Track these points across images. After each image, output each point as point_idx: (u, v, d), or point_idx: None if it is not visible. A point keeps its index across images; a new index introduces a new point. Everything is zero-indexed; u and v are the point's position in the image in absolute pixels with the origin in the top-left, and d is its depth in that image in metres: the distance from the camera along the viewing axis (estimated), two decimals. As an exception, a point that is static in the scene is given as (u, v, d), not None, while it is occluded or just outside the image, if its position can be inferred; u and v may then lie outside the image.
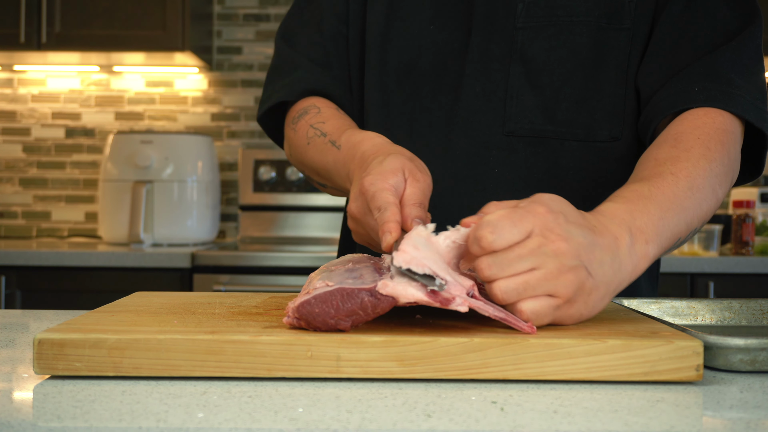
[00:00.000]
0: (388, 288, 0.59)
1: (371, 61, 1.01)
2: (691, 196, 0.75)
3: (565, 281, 0.60)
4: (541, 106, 0.94)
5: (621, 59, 0.94)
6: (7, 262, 2.25)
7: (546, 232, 0.60)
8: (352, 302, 0.59)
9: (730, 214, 2.58)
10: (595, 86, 0.94)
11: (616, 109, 0.94)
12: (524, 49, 0.94)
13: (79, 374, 0.57)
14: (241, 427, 0.47)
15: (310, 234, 2.82)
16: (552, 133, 0.94)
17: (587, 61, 0.94)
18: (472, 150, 0.95)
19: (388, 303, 0.59)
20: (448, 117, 0.97)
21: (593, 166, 0.95)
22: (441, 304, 0.58)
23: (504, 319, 0.60)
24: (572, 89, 0.94)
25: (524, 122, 0.94)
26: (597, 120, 0.94)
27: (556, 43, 0.94)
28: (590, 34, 0.93)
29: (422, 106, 0.98)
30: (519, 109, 0.94)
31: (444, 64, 0.97)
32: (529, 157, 0.95)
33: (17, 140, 2.95)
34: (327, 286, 0.61)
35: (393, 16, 1.00)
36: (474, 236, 0.60)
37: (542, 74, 0.94)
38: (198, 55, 2.69)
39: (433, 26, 0.98)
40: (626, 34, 0.93)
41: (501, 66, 0.95)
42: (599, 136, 0.94)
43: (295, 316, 0.60)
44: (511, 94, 0.94)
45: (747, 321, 0.83)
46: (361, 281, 0.61)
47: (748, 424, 0.49)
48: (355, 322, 0.59)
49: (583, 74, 0.94)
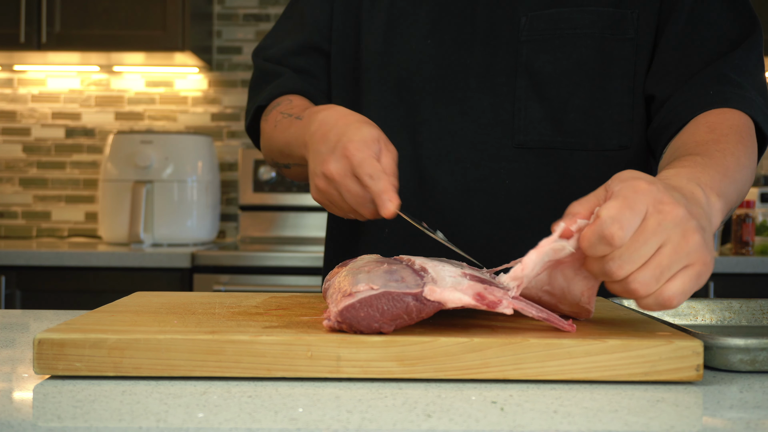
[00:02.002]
0: (436, 294, 0.58)
1: (371, 80, 1.02)
2: (738, 171, 0.75)
3: (694, 245, 0.57)
4: (549, 117, 0.95)
5: (627, 69, 0.95)
6: (7, 262, 2.25)
7: (659, 205, 0.57)
8: (397, 307, 0.58)
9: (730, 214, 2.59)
10: (602, 96, 0.95)
11: (624, 118, 0.96)
12: (530, 63, 0.96)
13: (79, 374, 0.57)
14: (241, 427, 0.47)
15: (310, 234, 2.82)
16: (561, 144, 0.96)
17: (593, 72, 0.95)
18: (483, 163, 0.97)
19: (433, 308, 0.58)
20: (451, 129, 0.98)
21: (603, 174, 0.95)
22: (488, 307, 0.59)
23: (546, 319, 0.61)
24: (580, 100, 0.95)
25: (533, 134, 0.96)
26: (605, 129, 0.96)
27: (562, 55, 0.95)
28: (595, 46, 0.95)
29: (422, 119, 0.99)
30: (527, 121, 0.96)
31: (443, 78, 0.98)
32: (539, 168, 0.96)
33: (17, 140, 2.95)
34: (371, 289, 0.59)
35: (391, 33, 1.01)
36: (600, 236, 0.56)
37: (549, 86, 0.95)
38: (198, 55, 2.69)
39: (430, 41, 0.99)
40: (630, 44, 0.95)
41: (507, 79, 0.96)
42: (608, 145, 0.96)
43: (338, 319, 0.59)
44: (518, 106, 0.96)
45: (747, 321, 0.83)
46: (405, 285, 0.60)
47: (748, 424, 0.49)
48: (398, 326, 0.59)
49: (589, 85, 0.95)
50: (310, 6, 1.07)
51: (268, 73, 1.08)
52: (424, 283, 0.60)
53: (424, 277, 0.62)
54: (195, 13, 2.64)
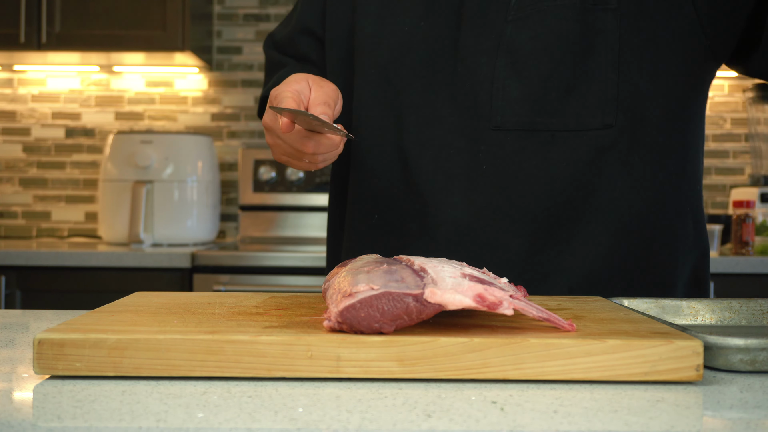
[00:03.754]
0: (436, 296, 0.58)
1: (363, 63, 1.01)
2: None
3: None
4: (528, 98, 0.92)
5: (611, 42, 0.91)
6: (7, 262, 2.25)
7: None
8: (397, 307, 0.58)
9: (730, 214, 2.58)
10: (584, 72, 0.91)
11: (608, 95, 0.92)
12: (511, 41, 0.92)
13: (79, 374, 0.57)
14: (241, 427, 0.47)
15: (310, 234, 2.82)
16: (541, 125, 0.92)
17: (575, 46, 0.91)
18: (463, 147, 0.94)
19: (434, 309, 0.58)
20: (440, 114, 0.96)
21: (586, 156, 0.93)
22: (489, 308, 0.58)
23: (546, 319, 0.60)
24: (561, 77, 0.92)
25: (510, 115, 0.93)
26: (588, 107, 0.92)
27: (542, 30, 0.91)
28: (576, 18, 0.91)
29: (411, 103, 0.97)
30: (505, 101, 0.93)
31: (433, 61, 0.96)
32: (518, 151, 0.93)
33: (17, 140, 2.95)
34: (371, 289, 0.59)
35: (384, 15, 1.00)
36: None
37: (529, 64, 0.92)
38: (198, 55, 2.69)
39: (423, 23, 0.97)
40: (613, 14, 0.91)
41: (489, 59, 0.94)
42: (591, 124, 0.92)
43: (338, 320, 0.59)
44: (497, 86, 0.93)
45: (747, 321, 0.83)
46: (405, 285, 0.60)
47: (748, 424, 0.49)
48: (398, 326, 0.59)
49: (571, 60, 0.91)
50: None
51: (274, 62, 1.12)
52: (424, 285, 0.60)
53: (424, 278, 0.62)
54: (195, 13, 2.64)
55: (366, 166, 1.01)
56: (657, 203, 0.97)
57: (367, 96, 1.00)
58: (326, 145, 0.83)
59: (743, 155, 2.95)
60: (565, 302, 0.79)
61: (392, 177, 0.99)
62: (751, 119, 2.85)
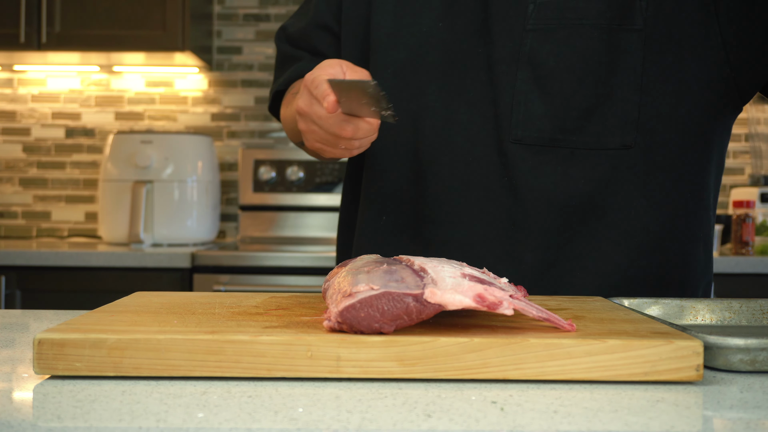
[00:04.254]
0: (436, 297, 0.58)
1: (379, 62, 0.99)
2: None
3: None
4: (550, 114, 0.92)
5: (635, 63, 0.91)
6: (7, 262, 2.25)
7: None
8: (397, 307, 0.58)
9: (730, 214, 2.58)
10: (606, 92, 0.91)
11: (628, 116, 0.91)
12: (533, 53, 0.92)
13: (79, 374, 0.57)
14: (241, 427, 0.47)
15: (310, 234, 2.82)
16: (561, 142, 0.92)
17: (599, 66, 0.91)
18: (482, 156, 0.94)
19: (434, 309, 0.58)
20: (455, 120, 0.95)
21: (603, 174, 0.93)
22: (489, 309, 0.58)
23: (546, 319, 0.60)
24: (582, 96, 0.91)
25: (532, 130, 0.92)
26: (608, 127, 0.92)
27: (566, 47, 0.91)
28: (601, 38, 0.90)
29: (428, 105, 0.96)
30: (527, 116, 0.92)
31: (450, 64, 0.95)
32: (537, 165, 0.93)
33: (17, 140, 2.95)
34: (372, 289, 0.59)
35: (401, 14, 0.98)
36: None
37: (552, 80, 0.91)
38: (198, 55, 2.69)
39: (441, 23, 0.96)
40: (638, 35, 0.90)
41: (508, 69, 0.93)
42: (610, 143, 0.92)
43: (338, 320, 0.59)
44: (518, 99, 0.92)
45: (747, 321, 0.83)
46: (405, 285, 0.60)
47: (748, 424, 0.49)
48: (398, 326, 0.58)
49: (594, 80, 0.91)
50: None
51: (288, 56, 1.11)
52: (424, 285, 0.60)
53: (424, 278, 0.62)
54: (195, 13, 2.64)
55: (379, 166, 1.00)
56: (671, 227, 0.96)
57: None
58: (365, 129, 0.81)
59: (743, 155, 2.95)
60: (565, 302, 0.79)
61: (404, 179, 0.98)
62: (751, 119, 2.85)
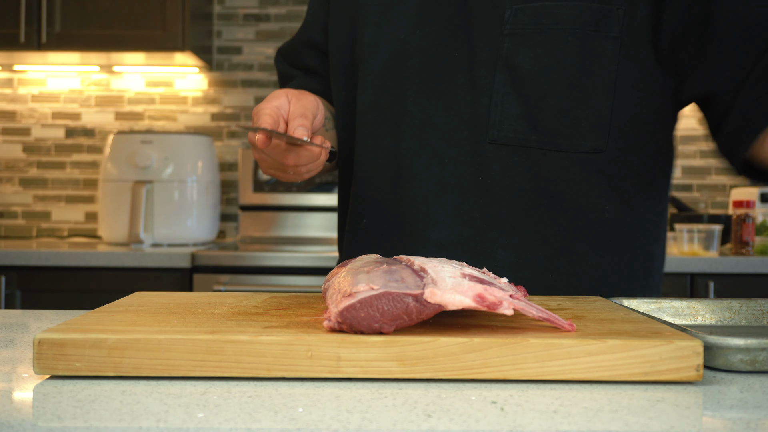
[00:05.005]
0: (436, 297, 0.58)
1: (362, 71, 1.02)
2: None
3: None
4: (525, 115, 0.93)
5: (609, 68, 0.92)
6: (7, 262, 2.25)
7: None
8: (397, 307, 0.58)
9: (730, 214, 2.58)
10: (580, 96, 0.93)
11: (601, 120, 0.93)
12: (510, 57, 0.93)
13: (79, 374, 0.57)
14: (241, 427, 0.47)
15: (310, 234, 2.82)
16: (535, 143, 0.94)
17: (573, 70, 0.92)
18: (459, 157, 0.96)
19: (434, 310, 0.58)
20: (434, 123, 0.97)
21: (575, 176, 0.95)
22: (489, 308, 0.58)
23: (546, 319, 0.60)
24: (557, 99, 0.93)
25: (508, 130, 0.94)
26: (580, 130, 0.93)
27: (542, 51, 0.93)
28: (576, 43, 0.92)
29: (407, 110, 0.98)
30: (503, 117, 0.94)
31: (429, 69, 0.97)
32: (512, 165, 0.94)
33: (17, 140, 2.95)
34: (371, 289, 0.59)
35: (381, 24, 1.01)
36: None
37: (527, 83, 0.93)
38: (198, 55, 2.69)
39: (419, 31, 0.98)
40: (614, 42, 0.92)
41: (487, 72, 0.95)
42: (582, 146, 0.94)
43: (338, 320, 0.59)
44: (495, 101, 0.94)
45: (747, 321, 0.83)
46: (405, 285, 0.60)
47: (748, 424, 0.49)
48: (398, 326, 0.58)
49: (568, 83, 0.93)
50: (311, 4, 1.13)
51: (284, 75, 1.17)
52: (424, 285, 0.60)
53: (424, 278, 0.62)
54: (195, 13, 2.64)
55: (362, 171, 1.02)
56: (642, 227, 1.00)
57: (366, 103, 1.01)
58: (306, 156, 0.88)
59: (743, 155, 2.95)
60: (565, 302, 0.79)
61: (385, 182, 1.00)
62: (751, 119, 2.84)
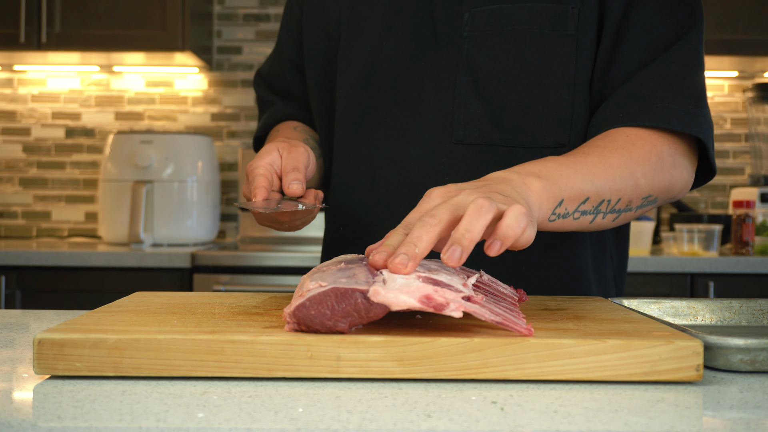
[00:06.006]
0: (379, 296, 0.57)
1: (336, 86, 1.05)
2: (600, 166, 0.81)
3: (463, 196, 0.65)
4: (488, 114, 0.96)
5: (567, 65, 0.94)
6: (7, 262, 2.25)
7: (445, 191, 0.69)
8: (346, 303, 0.58)
9: (730, 214, 2.58)
10: (541, 93, 0.95)
11: (562, 116, 0.95)
12: (470, 58, 0.96)
13: (79, 374, 0.57)
14: (241, 427, 0.47)
15: (310, 234, 2.82)
16: (500, 141, 0.96)
17: (532, 68, 0.95)
18: (426, 159, 0.98)
19: (381, 309, 0.58)
20: (405, 129, 0.99)
21: None
22: (435, 310, 0.57)
23: (501, 323, 0.59)
24: (518, 97, 0.95)
25: (473, 130, 0.96)
26: (544, 126, 0.95)
27: (501, 51, 0.95)
28: (534, 42, 0.94)
29: (378, 120, 1.00)
30: (467, 117, 0.96)
31: (398, 78, 1.00)
32: (478, 164, 0.96)
33: (17, 140, 2.95)
34: (320, 286, 0.60)
35: (351, 39, 1.04)
36: None
37: (488, 83, 0.95)
38: (198, 55, 2.69)
39: (385, 42, 1.01)
40: (571, 40, 0.94)
41: (449, 75, 0.97)
42: (546, 142, 0.95)
43: (294, 320, 0.59)
44: (458, 102, 0.96)
45: (747, 321, 0.83)
46: (355, 281, 0.60)
47: (748, 424, 0.49)
48: (352, 324, 0.58)
49: (528, 81, 0.95)
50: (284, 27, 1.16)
51: (263, 101, 1.20)
52: (373, 282, 0.59)
53: (377, 276, 0.61)
54: (195, 13, 2.64)
55: (338, 180, 1.05)
56: None
57: (342, 117, 1.04)
58: (300, 213, 0.90)
59: (743, 155, 2.95)
60: (565, 302, 0.79)
61: (358, 192, 1.02)
62: (751, 119, 2.85)
